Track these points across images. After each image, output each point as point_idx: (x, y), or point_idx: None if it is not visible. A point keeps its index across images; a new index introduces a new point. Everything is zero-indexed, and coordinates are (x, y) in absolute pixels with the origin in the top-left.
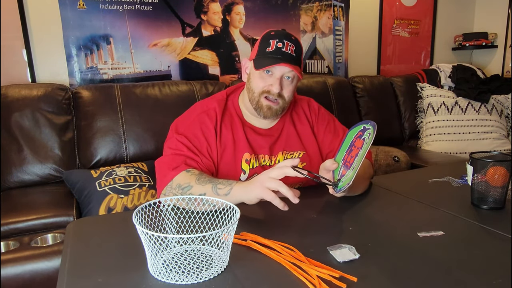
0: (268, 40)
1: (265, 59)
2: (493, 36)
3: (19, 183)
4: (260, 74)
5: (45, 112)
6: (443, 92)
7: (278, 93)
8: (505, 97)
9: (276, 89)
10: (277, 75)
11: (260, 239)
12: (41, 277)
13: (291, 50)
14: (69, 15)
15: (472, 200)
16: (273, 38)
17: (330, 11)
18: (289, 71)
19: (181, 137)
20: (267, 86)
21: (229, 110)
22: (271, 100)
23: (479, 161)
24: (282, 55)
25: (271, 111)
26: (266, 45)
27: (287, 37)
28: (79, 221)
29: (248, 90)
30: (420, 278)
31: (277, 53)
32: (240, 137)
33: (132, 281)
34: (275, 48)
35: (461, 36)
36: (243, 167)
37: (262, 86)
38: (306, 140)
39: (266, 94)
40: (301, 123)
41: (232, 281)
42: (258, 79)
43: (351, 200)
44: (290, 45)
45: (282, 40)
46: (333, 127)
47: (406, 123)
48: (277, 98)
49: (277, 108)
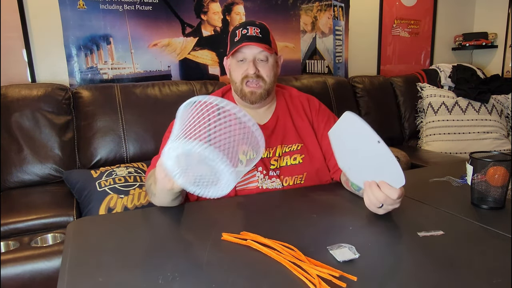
0: (235, 31)
1: (232, 47)
2: (493, 36)
3: (19, 183)
4: (236, 64)
5: (45, 112)
6: (443, 92)
7: (256, 75)
8: (505, 97)
9: (251, 70)
10: (249, 58)
11: (260, 239)
12: (41, 277)
13: (256, 33)
14: (69, 15)
15: (472, 200)
16: (238, 28)
17: (330, 11)
18: (259, 52)
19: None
20: (244, 71)
21: None
22: (252, 85)
23: (479, 161)
24: (248, 39)
25: (255, 95)
26: (233, 36)
27: (250, 23)
28: (79, 221)
29: (232, 84)
30: (420, 277)
31: (243, 38)
32: None
33: (133, 281)
34: (241, 35)
35: (461, 36)
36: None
37: (240, 73)
38: (304, 133)
39: (246, 79)
40: (300, 117)
41: (232, 281)
42: (236, 69)
43: (351, 200)
44: (254, 28)
45: (246, 27)
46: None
47: (406, 123)
48: (257, 81)
49: (260, 91)
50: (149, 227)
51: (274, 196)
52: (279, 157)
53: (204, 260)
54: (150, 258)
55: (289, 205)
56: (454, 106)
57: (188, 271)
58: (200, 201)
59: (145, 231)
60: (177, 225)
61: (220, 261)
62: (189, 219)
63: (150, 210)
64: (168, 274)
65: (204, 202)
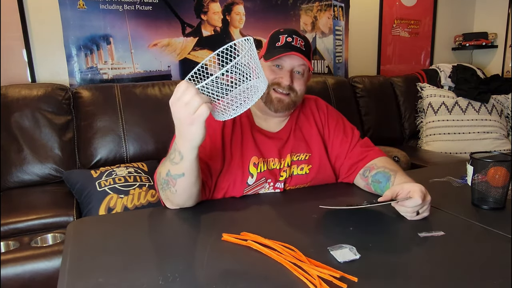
0: (278, 36)
1: (275, 52)
2: (493, 36)
3: (19, 183)
4: (270, 67)
5: (45, 112)
6: (443, 92)
7: (289, 86)
8: (505, 97)
9: (286, 81)
10: (287, 67)
11: (260, 239)
12: (41, 277)
13: (300, 45)
14: (69, 15)
15: (472, 200)
16: (283, 34)
17: (330, 11)
18: (298, 65)
19: None
20: (277, 78)
21: None
22: (281, 93)
23: (479, 161)
24: (291, 48)
25: (282, 104)
26: (275, 41)
27: (296, 33)
28: (79, 221)
29: None
30: (420, 278)
31: (287, 46)
32: (248, 140)
33: (133, 281)
34: (285, 42)
35: (461, 36)
36: (250, 171)
37: (272, 78)
38: (313, 142)
39: (276, 86)
40: (309, 124)
41: (233, 282)
42: (268, 72)
43: (351, 199)
44: (299, 40)
45: (292, 35)
46: (342, 126)
47: (406, 123)
48: (288, 92)
49: (288, 101)
50: (149, 227)
51: (275, 196)
52: (288, 167)
53: (204, 261)
54: (150, 258)
55: (289, 205)
56: (454, 106)
57: (188, 272)
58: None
59: (145, 231)
60: (178, 225)
61: (220, 262)
62: (189, 220)
63: (150, 210)
64: (168, 275)
65: (204, 203)
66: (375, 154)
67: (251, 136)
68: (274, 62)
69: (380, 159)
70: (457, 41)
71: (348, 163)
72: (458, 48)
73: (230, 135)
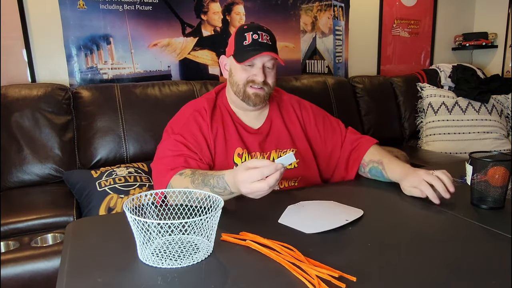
0: (243, 34)
1: (244, 53)
2: (493, 36)
3: (19, 183)
4: (243, 67)
5: (45, 112)
6: (443, 92)
7: (263, 82)
8: (505, 97)
9: (260, 77)
10: (259, 65)
11: (259, 239)
12: (41, 277)
13: (266, 40)
14: (69, 15)
15: (471, 200)
16: (247, 31)
17: (330, 11)
18: (268, 60)
19: (178, 136)
20: (250, 76)
21: (219, 107)
22: (256, 88)
23: (479, 161)
24: (260, 46)
25: (259, 98)
26: (242, 39)
27: (260, 28)
28: (79, 221)
29: (231, 84)
30: (420, 278)
31: (255, 44)
32: (231, 133)
33: (132, 281)
34: (252, 40)
35: (461, 36)
36: (235, 161)
37: (245, 77)
38: (296, 138)
39: (251, 83)
40: (291, 121)
41: (232, 281)
42: (241, 72)
43: (351, 200)
44: (264, 35)
45: (256, 31)
46: (329, 121)
47: (406, 123)
48: (262, 86)
49: (264, 94)
50: None
51: (273, 196)
52: None
53: (203, 261)
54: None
55: (287, 205)
56: (454, 106)
57: (187, 272)
58: None
59: None
60: None
61: (219, 262)
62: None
63: None
64: (167, 275)
65: None
66: (366, 142)
67: (235, 129)
68: (246, 62)
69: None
70: (457, 41)
71: (345, 153)
72: (458, 48)
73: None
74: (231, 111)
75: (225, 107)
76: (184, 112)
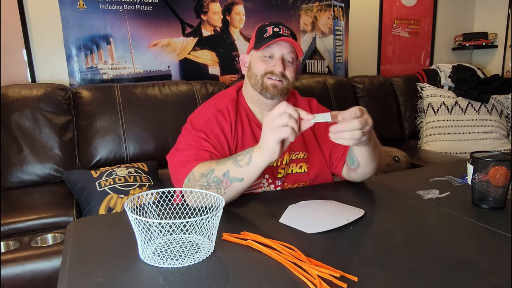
0: (265, 27)
1: (264, 42)
2: (493, 36)
3: (19, 183)
4: (261, 58)
5: (45, 112)
6: (443, 92)
7: (282, 74)
8: (505, 97)
9: (279, 67)
10: (278, 55)
11: (260, 239)
12: (41, 277)
13: (287, 33)
14: (69, 15)
15: (472, 200)
16: (269, 26)
17: (330, 11)
18: (288, 53)
19: (200, 133)
20: (269, 67)
21: (240, 108)
22: (275, 80)
23: (480, 161)
24: (280, 36)
25: (277, 89)
26: (263, 32)
27: (281, 23)
28: (79, 221)
29: (249, 77)
30: (420, 277)
31: (275, 35)
32: (247, 135)
33: (133, 281)
34: (273, 32)
35: (461, 36)
36: None
37: (264, 68)
38: (309, 142)
39: (269, 74)
40: None
41: (233, 281)
42: (260, 63)
43: (352, 200)
44: (285, 29)
45: (278, 25)
46: None
47: (406, 123)
48: (281, 79)
49: (282, 86)
50: None
51: (275, 195)
52: (286, 165)
53: (204, 260)
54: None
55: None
56: (454, 106)
57: (188, 271)
58: None
59: None
60: None
61: (220, 261)
62: None
63: None
64: (168, 274)
65: None
66: None
67: (250, 131)
68: (265, 53)
69: None
70: (457, 41)
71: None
72: (458, 48)
73: (231, 133)
74: (249, 111)
75: (243, 107)
76: (207, 111)
